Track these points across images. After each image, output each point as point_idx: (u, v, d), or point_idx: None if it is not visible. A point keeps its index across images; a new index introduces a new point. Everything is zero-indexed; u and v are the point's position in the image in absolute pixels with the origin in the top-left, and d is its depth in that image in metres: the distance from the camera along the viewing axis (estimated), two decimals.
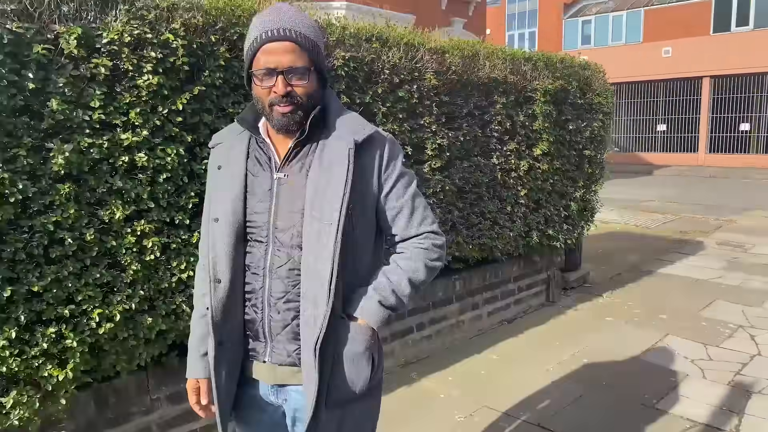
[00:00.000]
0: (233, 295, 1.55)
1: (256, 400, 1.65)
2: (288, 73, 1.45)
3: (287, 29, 1.44)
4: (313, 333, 1.47)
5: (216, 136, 1.68)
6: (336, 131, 1.53)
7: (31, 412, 2.22)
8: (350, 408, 1.57)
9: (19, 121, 2.10)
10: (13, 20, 2.06)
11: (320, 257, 1.47)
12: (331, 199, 1.47)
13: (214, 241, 1.55)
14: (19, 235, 2.13)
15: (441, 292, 4.41)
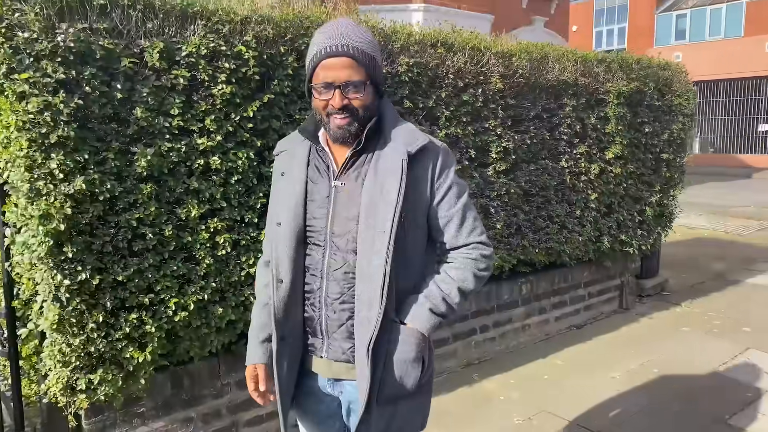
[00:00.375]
0: (294, 294, 1.65)
1: (314, 391, 1.76)
2: (345, 87, 1.54)
3: (344, 45, 1.53)
4: (367, 333, 1.56)
5: (280, 144, 1.80)
6: (391, 142, 1.61)
7: (115, 389, 2.47)
8: (400, 404, 1.65)
9: (109, 128, 2.35)
10: (105, 37, 2.30)
11: (373, 262, 1.55)
12: (384, 207, 1.55)
13: (277, 244, 1.66)
14: (107, 230, 2.38)
15: (506, 295, 4.41)
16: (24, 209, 2.24)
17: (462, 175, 3.63)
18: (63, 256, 2.26)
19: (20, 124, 2.14)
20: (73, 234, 2.28)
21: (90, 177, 2.28)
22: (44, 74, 2.16)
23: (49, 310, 2.31)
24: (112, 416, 2.63)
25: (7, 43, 2.12)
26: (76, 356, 2.35)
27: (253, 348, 1.82)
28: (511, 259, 4.10)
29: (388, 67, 3.19)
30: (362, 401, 1.59)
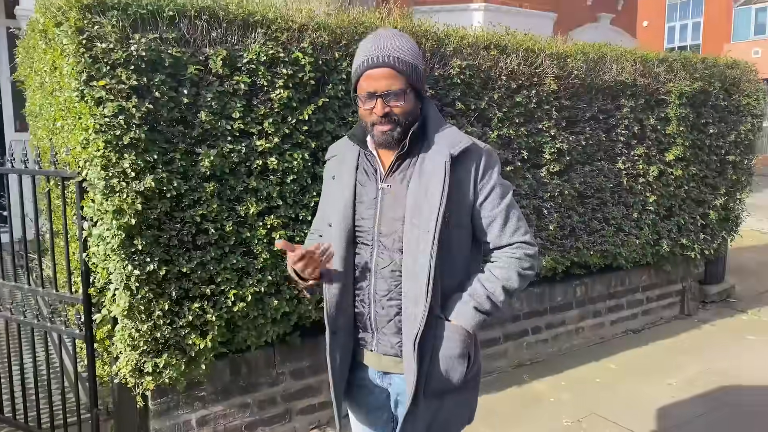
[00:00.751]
0: (344, 291, 1.74)
1: (365, 383, 1.85)
2: (386, 96, 1.61)
3: (385, 56, 1.60)
4: (413, 329, 1.63)
5: (331, 149, 1.90)
6: (435, 145, 1.67)
7: (179, 373, 2.65)
8: (447, 398, 1.72)
9: (176, 130, 2.53)
10: (173, 46, 2.48)
11: (419, 261, 1.62)
12: (428, 208, 1.61)
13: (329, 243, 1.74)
14: (173, 224, 2.56)
15: (560, 297, 4.39)
16: (100, 204, 2.45)
17: (514, 175, 3.66)
18: (134, 248, 2.46)
19: (97, 126, 2.34)
20: (143, 228, 2.48)
21: (159, 176, 2.47)
22: (119, 81, 2.35)
23: (120, 298, 2.51)
24: (175, 398, 2.83)
25: (87, 53, 2.33)
26: (143, 341, 2.55)
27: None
28: (565, 260, 4.08)
29: (440, 69, 3.25)
30: (409, 393, 1.66)
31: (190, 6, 2.53)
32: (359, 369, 1.84)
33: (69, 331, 2.84)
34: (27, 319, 2.97)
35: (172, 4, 2.48)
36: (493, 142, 3.50)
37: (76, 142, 2.53)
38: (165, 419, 2.81)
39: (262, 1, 2.80)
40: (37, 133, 3.58)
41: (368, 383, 1.85)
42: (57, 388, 3.45)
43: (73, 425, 2.95)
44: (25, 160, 2.82)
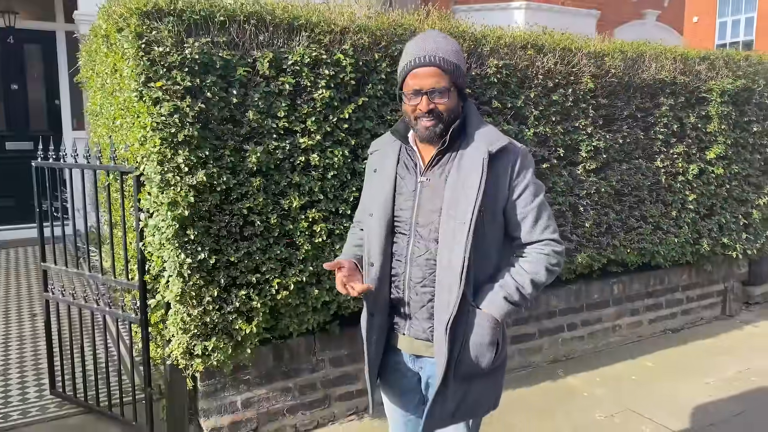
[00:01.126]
0: (382, 276, 1.85)
1: (399, 366, 1.96)
2: (431, 93, 1.72)
3: (431, 56, 1.72)
4: (446, 314, 1.74)
5: (374, 144, 2.02)
6: (474, 142, 1.77)
7: (226, 356, 2.82)
8: (475, 382, 1.83)
9: (225, 128, 2.70)
10: (224, 49, 2.65)
11: (454, 251, 1.72)
12: (465, 201, 1.71)
13: (369, 232, 1.88)
14: (222, 216, 2.73)
15: (596, 295, 4.41)
16: (155, 197, 2.64)
17: (550, 173, 3.71)
18: (186, 238, 2.64)
19: (154, 124, 2.53)
20: (195, 219, 2.65)
21: (209, 171, 2.64)
22: (174, 82, 2.53)
23: (173, 284, 2.69)
24: (222, 381, 3.01)
25: (145, 57, 2.52)
26: (194, 325, 2.73)
27: (342, 256, 2.04)
28: (601, 258, 4.11)
29: (477, 69, 3.34)
30: (439, 375, 1.77)
31: (239, 11, 2.70)
32: (393, 353, 1.95)
33: (125, 316, 3.05)
34: (88, 304, 3.20)
35: (223, 10, 2.65)
36: (529, 139, 3.56)
37: (134, 139, 2.73)
38: (212, 400, 2.99)
39: (306, 5, 2.95)
40: (97, 130, 3.83)
41: (401, 367, 1.96)
42: (114, 370, 3.69)
43: (128, 404, 3.17)
44: (87, 156, 3.04)
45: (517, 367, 4.06)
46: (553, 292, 4.16)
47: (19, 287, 5.66)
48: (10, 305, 5.15)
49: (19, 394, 3.54)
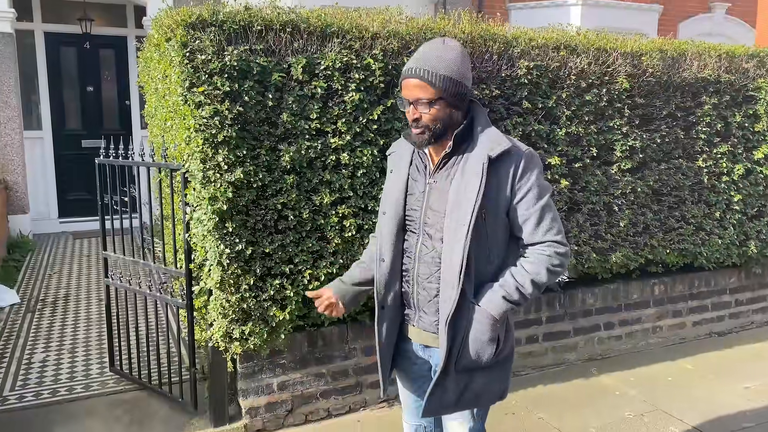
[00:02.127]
0: (392, 271, 1.97)
1: (409, 353, 2.09)
2: (416, 104, 1.82)
3: (417, 68, 1.79)
4: (447, 309, 1.84)
5: (393, 146, 2.12)
6: (477, 147, 1.84)
7: (261, 340, 3.04)
8: (477, 375, 1.91)
9: (262, 129, 2.92)
10: (261, 56, 2.87)
11: (455, 250, 1.81)
12: (466, 204, 1.79)
13: (381, 229, 2.00)
14: (258, 211, 2.95)
15: (636, 295, 4.39)
16: (198, 192, 2.88)
17: (583, 172, 3.75)
18: (225, 230, 2.87)
19: (197, 126, 2.77)
20: (233, 213, 2.88)
21: (247, 169, 2.86)
22: (215, 87, 2.76)
23: (214, 272, 2.93)
24: (259, 364, 3.23)
25: (189, 64, 2.76)
26: (232, 310, 2.96)
27: (334, 282, 2.20)
28: (638, 258, 4.09)
29: (507, 70, 3.42)
30: (439, 365, 1.88)
31: (276, 20, 2.90)
32: (405, 342, 2.08)
33: (174, 301, 3.33)
34: (142, 290, 3.50)
35: (260, 20, 2.86)
36: (561, 139, 3.61)
37: (181, 139, 2.98)
38: (250, 381, 3.23)
39: (339, 12, 3.12)
40: (153, 131, 4.15)
41: (412, 355, 2.08)
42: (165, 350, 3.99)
43: (176, 384, 3.45)
44: (142, 154, 3.33)
45: (550, 364, 4.10)
46: (589, 290, 4.18)
47: (90, 274, 6.15)
48: (81, 290, 5.62)
49: (83, 371, 3.90)
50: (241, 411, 3.25)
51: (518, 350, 3.97)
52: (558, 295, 4.06)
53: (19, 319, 4.86)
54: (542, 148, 3.59)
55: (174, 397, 3.42)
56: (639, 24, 9.49)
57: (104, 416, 3.34)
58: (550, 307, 4.05)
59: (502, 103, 3.46)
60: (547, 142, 3.61)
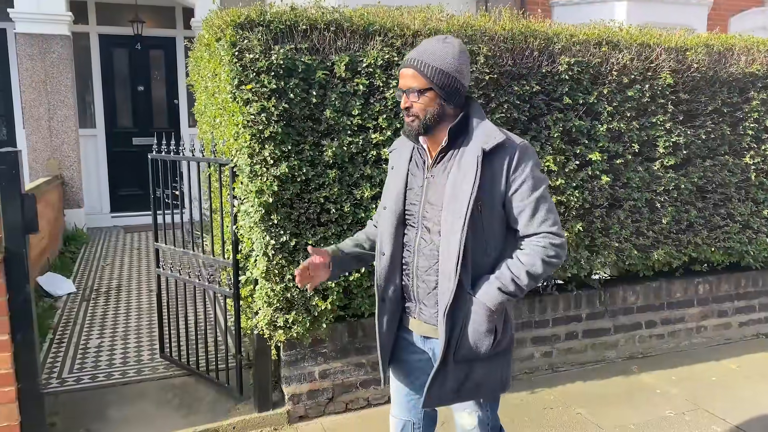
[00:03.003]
0: (392, 265, 2.01)
1: (409, 344, 2.10)
2: (408, 92, 1.88)
3: (412, 59, 1.87)
4: (445, 301, 1.87)
5: (394, 144, 2.16)
6: (473, 140, 1.87)
7: (304, 329, 3.15)
8: (476, 365, 1.94)
9: (306, 125, 3.02)
10: (306, 54, 2.97)
11: (452, 242, 1.84)
12: (462, 196, 1.82)
13: (382, 224, 2.03)
14: (302, 204, 3.06)
15: (679, 293, 4.33)
16: (246, 186, 3.01)
17: (625, 168, 3.73)
18: (271, 222, 2.98)
19: (245, 122, 2.89)
20: (279, 206, 2.99)
21: (291, 163, 2.97)
22: (262, 85, 2.88)
23: (260, 263, 3.06)
24: (302, 352, 3.34)
25: (238, 63, 2.88)
26: (277, 299, 3.07)
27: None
28: (681, 255, 4.04)
29: (548, 66, 3.44)
30: (439, 356, 1.91)
31: (320, 20, 3.00)
32: (405, 332, 2.10)
33: (222, 290, 3.47)
34: (191, 279, 3.66)
35: (306, 20, 2.97)
36: (602, 135, 3.61)
37: (229, 135, 3.11)
38: (293, 369, 3.34)
39: (381, 10, 3.20)
40: (202, 127, 4.32)
41: (411, 346, 2.10)
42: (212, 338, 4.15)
43: (222, 370, 3.59)
44: (192, 150, 3.48)
45: (590, 361, 4.10)
46: (630, 288, 4.15)
47: (140, 266, 6.41)
48: (132, 281, 5.87)
49: (135, 356, 4.10)
50: (284, 397, 3.37)
51: (558, 346, 3.99)
52: (598, 292, 4.05)
53: (76, 306, 5.12)
54: (583, 144, 3.59)
55: (220, 383, 3.56)
56: (687, 19, 9.27)
57: (155, 399, 3.51)
58: (591, 304, 4.04)
59: (542, 99, 3.47)
60: (588, 138, 3.61)
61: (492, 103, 3.34)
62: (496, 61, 3.31)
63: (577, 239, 3.67)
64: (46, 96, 7.32)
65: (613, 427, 3.32)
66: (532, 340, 3.92)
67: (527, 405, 3.55)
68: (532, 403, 3.57)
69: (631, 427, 3.32)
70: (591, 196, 3.65)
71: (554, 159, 3.50)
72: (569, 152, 3.56)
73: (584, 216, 3.69)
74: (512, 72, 3.37)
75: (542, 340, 3.94)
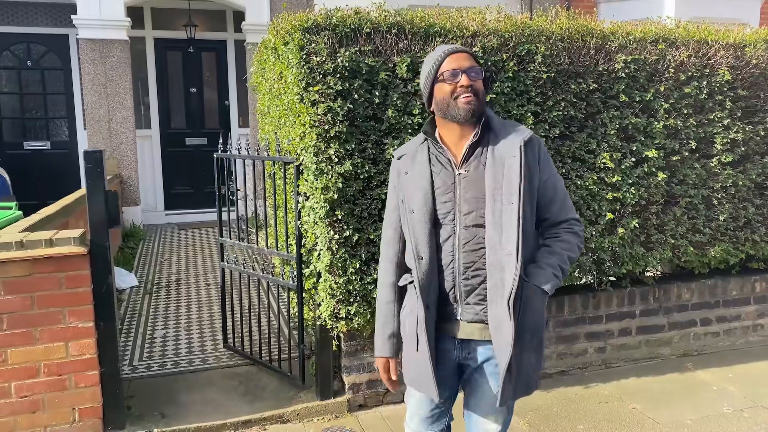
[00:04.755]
0: (432, 268, 1.93)
1: (445, 352, 2.01)
2: (469, 71, 1.87)
3: (464, 48, 1.98)
4: (504, 292, 1.83)
5: (400, 150, 2.10)
6: (503, 135, 1.91)
7: (365, 321, 3.27)
8: (526, 355, 1.92)
9: (369, 125, 3.14)
10: (369, 56, 3.08)
11: (505, 231, 1.82)
12: (510, 183, 1.83)
13: (413, 228, 1.94)
14: (364, 200, 3.18)
15: (735, 291, 4.30)
16: (311, 183, 3.14)
17: (681, 165, 3.73)
18: (335, 218, 3.11)
19: (312, 122, 3.02)
20: (342, 202, 3.12)
21: (355, 161, 3.09)
22: (328, 87, 3.01)
23: (324, 257, 3.19)
24: (362, 343, 3.46)
25: (306, 65, 3.01)
26: (339, 291, 3.20)
27: (380, 343, 2.11)
28: (738, 253, 4.02)
29: (604, 64, 3.48)
30: (507, 353, 1.83)
31: (383, 23, 3.11)
32: (440, 340, 2.00)
33: (285, 283, 3.62)
34: (255, 272, 3.82)
35: (369, 23, 3.08)
36: (658, 132, 3.62)
37: (295, 135, 3.26)
38: (353, 359, 3.47)
39: (441, 12, 3.30)
40: (265, 127, 4.49)
41: (448, 353, 2.01)
42: (274, 329, 4.32)
43: (284, 360, 3.75)
44: (257, 149, 3.64)
45: (643, 357, 4.11)
46: (685, 285, 4.15)
47: (195, 262, 6.65)
48: (189, 276, 6.11)
49: (199, 346, 4.29)
50: (344, 387, 3.50)
51: (611, 342, 4.02)
52: (652, 289, 4.06)
53: (139, 299, 5.37)
54: (639, 141, 3.61)
55: (283, 372, 3.71)
56: (738, 13, 9.08)
57: (221, 387, 3.69)
58: (644, 301, 4.05)
59: (598, 97, 3.51)
60: (644, 135, 3.63)
61: (549, 101, 3.40)
62: (553, 60, 3.37)
63: (632, 235, 3.70)
64: (106, 98, 7.65)
65: (670, 422, 3.34)
66: (586, 336, 3.95)
67: (582, 399, 3.59)
68: (587, 398, 3.62)
69: (688, 423, 3.33)
70: (647, 193, 3.67)
71: (610, 156, 3.53)
72: (625, 149, 3.59)
73: (640, 212, 3.71)
74: (569, 70, 3.42)
75: (596, 336, 3.97)
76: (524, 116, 3.33)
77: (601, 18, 6.79)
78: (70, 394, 3.03)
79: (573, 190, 3.52)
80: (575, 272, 3.69)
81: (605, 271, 3.77)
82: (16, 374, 2.93)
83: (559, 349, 3.89)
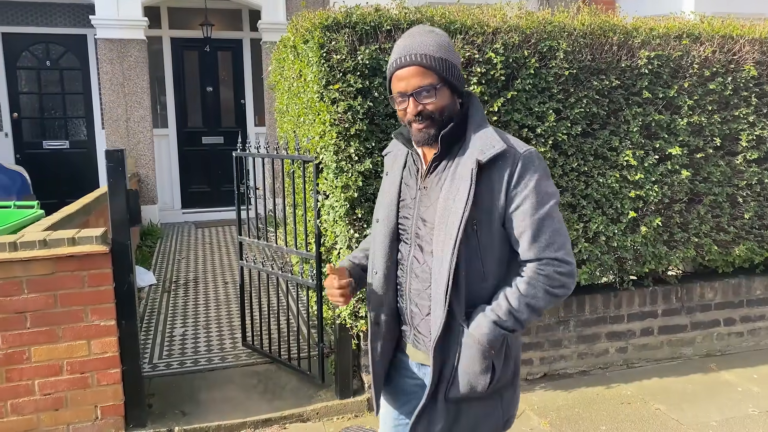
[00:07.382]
0: (387, 284, 1.74)
1: (405, 365, 1.84)
2: (417, 94, 1.58)
3: (410, 54, 1.58)
4: (435, 332, 1.62)
5: (389, 146, 1.92)
6: (469, 149, 1.61)
7: None
8: (473, 404, 1.68)
9: (388, 123, 3.11)
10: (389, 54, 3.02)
11: (443, 265, 1.58)
12: (454, 214, 1.57)
13: (375, 238, 1.78)
14: None
15: (759, 291, 4.23)
16: (331, 181, 3.13)
17: (705, 163, 3.68)
18: (355, 216, 3.10)
19: (332, 121, 3.01)
20: (362, 201, 3.10)
21: (375, 159, 3.07)
22: (348, 85, 2.99)
23: (343, 255, 3.18)
24: None
25: (326, 63, 3.00)
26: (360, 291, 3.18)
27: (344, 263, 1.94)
28: (763, 251, 3.95)
29: (627, 60, 3.43)
30: (428, 391, 1.67)
31: (403, 20, 3.09)
32: (403, 353, 1.84)
33: (304, 282, 3.62)
34: (274, 271, 3.82)
35: (389, 20, 3.06)
36: (682, 129, 3.57)
37: (315, 133, 3.25)
38: None
39: (462, 9, 3.27)
40: (283, 126, 4.48)
41: (407, 368, 1.85)
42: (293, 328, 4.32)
43: (304, 359, 3.75)
44: (276, 148, 3.63)
45: (666, 358, 4.05)
46: (708, 284, 4.09)
47: (213, 260, 6.68)
48: (207, 274, 6.13)
49: (218, 344, 4.31)
50: (363, 385, 3.49)
51: (633, 342, 3.97)
52: (675, 288, 4.00)
53: (158, 297, 5.40)
54: (662, 138, 3.56)
55: (302, 370, 3.71)
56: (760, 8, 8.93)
57: (241, 385, 3.69)
58: (667, 300, 4.00)
59: (621, 93, 3.47)
60: (667, 132, 3.57)
61: (571, 98, 3.36)
62: (575, 56, 3.33)
63: (655, 234, 3.64)
64: (124, 98, 7.71)
65: (695, 423, 3.29)
66: (607, 336, 3.91)
67: (604, 400, 3.55)
68: (609, 398, 3.58)
69: (713, 425, 3.28)
70: (670, 191, 3.61)
71: (633, 153, 3.48)
72: (648, 146, 3.54)
73: (663, 211, 3.66)
74: (591, 67, 3.38)
75: (617, 336, 3.92)
76: (546, 113, 3.29)
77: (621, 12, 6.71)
78: (93, 391, 3.05)
79: (595, 187, 3.47)
80: (597, 271, 3.65)
81: (627, 270, 3.72)
82: (40, 372, 2.96)
83: (580, 348, 3.85)
